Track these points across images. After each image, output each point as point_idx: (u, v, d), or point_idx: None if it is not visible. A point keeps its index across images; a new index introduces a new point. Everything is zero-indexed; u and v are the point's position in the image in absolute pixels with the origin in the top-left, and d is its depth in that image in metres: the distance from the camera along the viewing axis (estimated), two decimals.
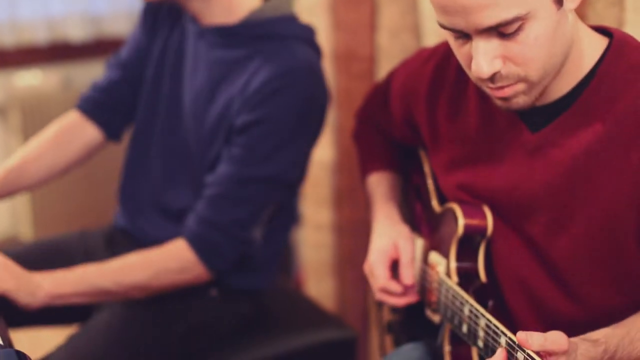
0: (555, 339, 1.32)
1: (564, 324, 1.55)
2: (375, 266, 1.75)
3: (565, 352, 1.32)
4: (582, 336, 1.38)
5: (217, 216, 1.94)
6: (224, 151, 1.96)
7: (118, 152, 2.38)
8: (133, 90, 2.18)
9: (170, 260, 1.96)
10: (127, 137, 2.26)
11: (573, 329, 1.55)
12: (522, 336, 1.33)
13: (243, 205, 1.95)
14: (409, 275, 1.73)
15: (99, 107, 2.19)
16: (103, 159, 2.77)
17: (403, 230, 1.79)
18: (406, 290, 1.74)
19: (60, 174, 2.20)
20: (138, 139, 2.18)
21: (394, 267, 1.76)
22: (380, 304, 2.03)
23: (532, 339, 1.32)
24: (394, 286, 1.73)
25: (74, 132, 2.19)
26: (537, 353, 1.31)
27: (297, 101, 1.93)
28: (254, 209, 1.97)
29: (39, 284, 1.84)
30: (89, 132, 2.20)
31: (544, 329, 1.54)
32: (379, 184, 1.94)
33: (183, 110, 2.07)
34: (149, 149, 2.15)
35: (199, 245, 1.94)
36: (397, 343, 1.94)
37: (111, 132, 2.22)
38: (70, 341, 1.97)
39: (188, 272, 1.96)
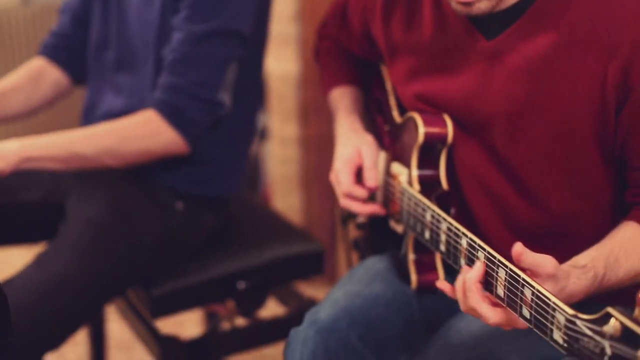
0: (542, 261, 1.30)
1: (528, 229, 1.58)
2: (340, 173, 1.76)
3: (552, 276, 1.30)
4: (569, 262, 1.38)
5: (179, 80, 1.96)
6: (174, 20, 2.00)
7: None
8: (85, 30, 2.23)
9: (139, 126, 1.97)
10: None
11: (537, 234, 1.58)
12: (518, 248, 1.29)
13: (202, 64, 1.97)
14: (372, 178, 1.73)
15: (58, 51, 2.26)
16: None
17: (366, 138, 1.80)
18: (370, 194, 1.74)
19: (32, 111, 2.25)
20: (94, 66, 2.21)
21: (359, 175, 1.77)
22: (344, 222, 2.04)
23: (525, 255, 1.30)
24: (359, 191, 1.74)
25: (42, 74, 2.24)
26: (523, 270, 1.29)
27: None
28: (214, 67, 1.99)
29: (9, 147, 1.89)
30: (55, 75, 2.26)
31: (509, 234, 1.56)
32: (341, 97, 1.94)
33: (130, 18, 2.10)
34: (104, 68, 2.17)
35: (166, 110, 1.96)
36: (363, 259, 1.96)
37: (74, 74, 2.27)
38: (38, 259, 1.97)
39: (158, 137, 1.97)
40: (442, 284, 1.41)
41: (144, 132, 1.97)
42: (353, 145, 1.78)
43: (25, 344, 1.84)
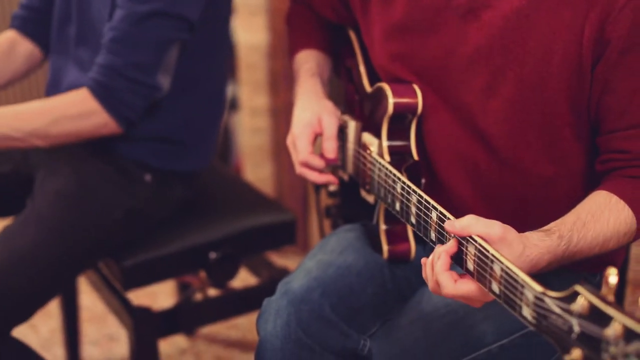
0: (488, 225, 1.29)
1: (501, 197, 1.58)
2: (299, 139, 1.75)
3: (502, 239, 1.29)
4: (532, 231, 1.37)
5: (116, 60, 1.92)
6: None
7: None
8: (52, 3, 2.19)
9: (70, 106, 1.93)
10: None
11: (511, 203, 1.58)
12: (447, 225, 1.32)
13: (141, 45, 1.93)
14: (331, 149, 1.73)
15: (28, 23, 2.22)
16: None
17: (327, 104, 1.79)
18: (327, 165, 1.74)
19: (5, 84, 2.22)
20: (57, 39, 2.18)
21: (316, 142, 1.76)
22: (317, 190, 2.04)
23: (457, 223, 1.31)
24: (316, 160, 1.73)
25: (13, 47, 2.21)
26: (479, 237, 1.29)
27: None
28: (153, 48, 1.94)
29: None
30: (27, 47, 2.22)
31: (482, 203, 1.57)
32: (306, 60, 1.92)
33: None
34: (67, 43, 2.15)
35: (100, 91, 1.92)
36: (335, 226, 1.96)
37: (46, 46, 2.23)
38: (5, 232, 1.96)
39: (89, 119, 1.93)
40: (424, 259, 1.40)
41: (74, 112, 1.93)
42: (313, 111, 1.76)
43: None
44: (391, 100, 1.61)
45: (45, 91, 2.22)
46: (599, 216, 1.41)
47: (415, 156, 1.63)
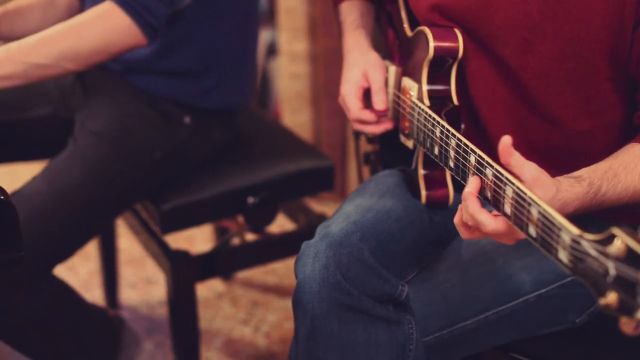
0: (525, 164, 1.29)
1: (541, 147, 1.57)
2: (347, 97, 1.74)
3: (537, 180, 1.29)
4: (564, 175, 1.37)
5: None
6: None
7: None
8: None
9: (95, 19, 1.90)
10: None
11: (550, 153, 1.57)
12: (507, 140, 1.29)
13: None
14: (380, 101, 1.72)
15: None
16: None
17: (373, 57, 1.78)
18: (380, 117, 1.74)
19: None
20: None
21: (368, 96, 1.76)
22: (357, 135, 2.03)
23: (512, 154, 1.30)
24: (367, 115, 1.73)
25: None
26: (508, 172, 1.30)
27: None
28: None
29: None
30: None
31: (523, 150, 1.55)
32: (349, 12, 1.91)
33: None
34: None
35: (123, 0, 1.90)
36: (374, 173, 1.95)
37: None
38: (46, 171, 1.97)
39: (115, 29, 1.90)
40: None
41: (100, 25, 1.89)
42: (359, 67, 1.76)
43: (35, 255, 1.85)
44: (432, 44, 1.59)
45: None
46: (631, 168, 1.40)
47: (455, 101, 1.62)
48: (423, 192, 1.66)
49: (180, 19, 2.02)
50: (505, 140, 1.29)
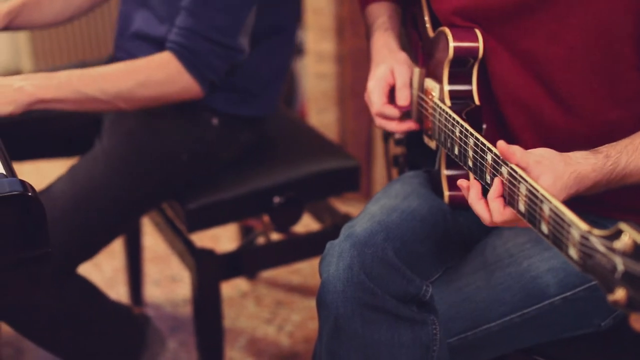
0: (529, 155, 1.32)
1: (565, 143, 1.56)
2: (372, 93, 1.74)
3: (537, 163, 1.32)
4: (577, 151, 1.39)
5: (196, 24, 1.91)
6: None
7: None
8: None
9: (156, 69, 1.93)
10: None
11: (575, 148, 1.56)
12: (501, 145, 1.33)
13: (222, 8, 1.91)
14: (403, 97, 1.72)
15: None
16: None
17: (399, 56, 1.78)
18: (403, 113, 1.74)
19: (66, 20, 2.23)
20: None
21: (394, 94, 1.76)
22: (386, 137, 2.04)
23: (514, 149, 1.32)
24: (390, 110, 1.73)
25: None
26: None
27: None
28: (234, 11, 1.93)
29: (20, 88, 1.80)
30: None
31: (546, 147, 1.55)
32: (378, 14, 1.91)
33: None
34: None
35: (183, 54, 1.92)
36: (402, 174, 1.96)
37: None
38: (73, 170, 1.98)
39: (174, 83, 1.93)
40: (461, 181, 1.43)
41: (161, 76, 1.92)
42: (387, 64, 1.76)
43: (60, 254, 1.86)
44: (452, 44, 1.59)
45: (114, 38, 2.23)
46: None
47: (477, 101, 1.61)
48: (446, 193, 1.66)
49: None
50: (500, 145, 1.32)
